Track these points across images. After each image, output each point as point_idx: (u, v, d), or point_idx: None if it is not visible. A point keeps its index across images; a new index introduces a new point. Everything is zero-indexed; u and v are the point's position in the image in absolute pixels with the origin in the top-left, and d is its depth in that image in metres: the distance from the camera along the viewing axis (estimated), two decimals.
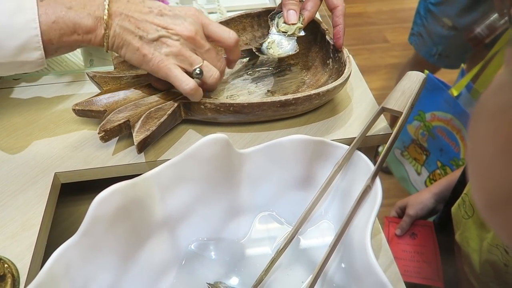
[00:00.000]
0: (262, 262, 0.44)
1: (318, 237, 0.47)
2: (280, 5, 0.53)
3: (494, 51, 0.96)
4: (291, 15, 0.51)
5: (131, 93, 0.48)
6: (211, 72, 0.46)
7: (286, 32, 0.52)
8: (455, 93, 0.99)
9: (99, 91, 0.50)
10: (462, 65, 1.08)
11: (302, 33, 0.52)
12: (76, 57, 0.82)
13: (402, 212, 0.84)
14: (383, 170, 1.54)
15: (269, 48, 0.53)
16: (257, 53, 0.53)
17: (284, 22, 0.51)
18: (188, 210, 0.43)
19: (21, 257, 0.38)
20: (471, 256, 0.58)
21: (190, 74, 0.45)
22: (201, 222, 0.45)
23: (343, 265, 0.43)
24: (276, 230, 0.47)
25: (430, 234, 0.77)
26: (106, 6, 0.41)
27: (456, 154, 1.05)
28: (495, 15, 1.05)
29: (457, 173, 0.74)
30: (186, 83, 0.43)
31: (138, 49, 0.43)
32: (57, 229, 0.52)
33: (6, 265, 0.37)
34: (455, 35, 1.18)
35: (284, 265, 0.45)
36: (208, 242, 0.45)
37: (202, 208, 0.44)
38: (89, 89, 0.55)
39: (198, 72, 0.45)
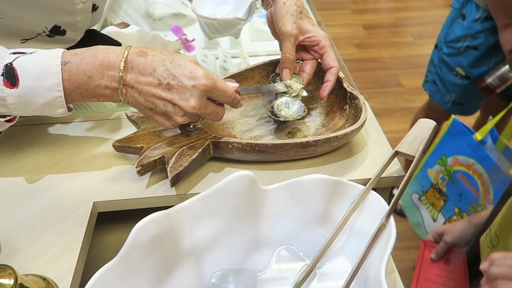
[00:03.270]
0: None
1: (335, 272, 0.49)
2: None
3: None
4: (285, 73, 0.57)
5: (166, 132, 0.53)
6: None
7: (290, 94, 0.58)
8: (479, 137, 1.01)
9: (133, 130, 0.55)
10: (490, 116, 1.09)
11: (305, 94, 0.58)
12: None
13: (439, 238, 0.86)
14: (397, 213, 1.55)
15: (280, 110, 0.58)
16: (272, 117, 0.58)
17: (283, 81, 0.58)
18: (213, 241, 0.47)
19: (62, 277, 0.42)
20: None
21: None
22: (225, 253, 0.48)
23: None
24: (294, 264, 0.50)
25: (462, 262, 0.79)
26: (120, 77, 0.45)
27: (475, 200, 1.05)
28: (506, 67, 1.09)
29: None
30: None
31: (150, 115, 0.49)
32: (88, 256, 0.55)
33: (50, 286, 0.40)
34: (468, 84, 1.21)
35: None
36: (230, 273, 0.48)
37: (226, 240, 0.47)
38: (124, 127, 0.61)
39: (192, 127, 0.53)
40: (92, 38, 0.67)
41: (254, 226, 0.48)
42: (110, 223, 0.58)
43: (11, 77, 0.44)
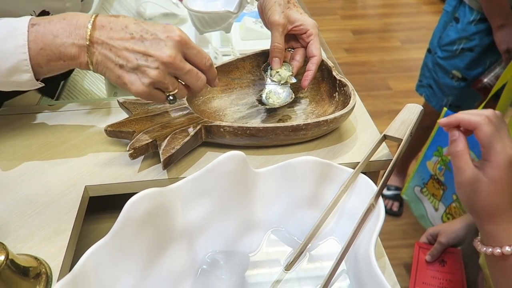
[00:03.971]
0: (272, 275, 0.47)
1: (325, 253, 0.50)
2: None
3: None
4: (275, 62, 0.58)
5: (158, 117, 0.53)
6: (181, 95, 0.48)
7: (279, 82, 0.59)
8: None
9: (125, 116, 0.55)
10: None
11: (294, 80, 0.59)
12: (99, 90, 0.89)
13: (433, 239, 0.86)
14: (390, 213, 1.57)
15: (268, 98, 0.59)
16: (259, 104, 0.59)
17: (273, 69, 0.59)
18: (205, 223, 0.47)
19: (53, 257, 0.42)
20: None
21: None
22: (217, 235, 0.48)
23: (349, 278, 0.46)
24: (285, 246, 0.50)
25: (458, 262, 0.79)
26: (88, 34, 0.44)
27: None
28: (502, 65, 1.12)
29: None
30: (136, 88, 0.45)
31: (119, 77, 0.45)
32: (79, 244, 0.55)
33: (41, 265, 0.40)
34: (465, 86, 1.23)
35: (294, 280, 0.47)
36: (222, 254, 0.48)
37: (218, 221, 0.48)
38: (115, 115, 0.61)
39: (171, 98, 0.47)
40: None
41: (246, 208, 0.49)
42: (102, 212, 0.58)
43: None
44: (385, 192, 1.62)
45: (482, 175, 0.44)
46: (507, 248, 0.45)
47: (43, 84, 0.48)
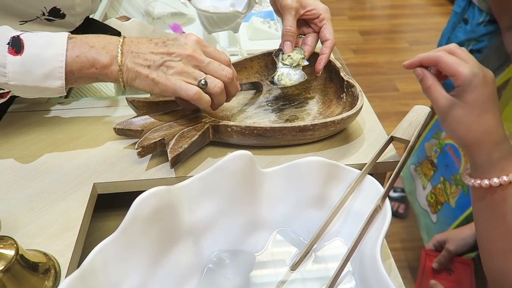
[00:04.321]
0: (278, 275, 0.47)
1: (331, 254, 0.50)
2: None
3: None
4: (287, 45, 0.58)
5: (166, 116, 0.53)
6: (215, 82, 0.50)
7: (291, 65, 0.59)
8: None
9: (134, 115, 0.55)
10: None
11: (306, 63, 0.59)
12: (108, 89, 0.90)
13: (440, 246, 0.85)
14: (396, 215, 1.57)
15: (280, 80, 0.59)
16: (270, 84, 0.59)
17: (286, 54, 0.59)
18: (212, 222, 0.47)
19: (62, 253, 0.43)
20: None
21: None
22: (223, 234, 0.48)
23: (355, 279, 0.46)
24: (291, 246, 0.50)
25: (468, 272, 0.77)
26: (119, 47, 0.49)
27: (457, 170, 1.10)
28: (510, 67, 1.12)
29: None
30: (189, 89, 0.48)
31: (147, 76, 0.49)
32: (87, 241, 0.56)
33: (50, 260, 0.41)
34: None
35: (299, 280, 0.48)
36: (228, 254, 0.49)
37: (224, 220, 0.48)
38: (123, 113, 0.61)
39: (203, 83, 0.49)
40: (91, 25, 0.68)
41: (252, 207, 0.49)
42: (110, 209, 0.58)
43: (16, 45, 0.46)
44: (391, 194, 1.62)
45: (457, 100, 0.45)
46: (495, 180, 0.44)
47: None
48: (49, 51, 0.47)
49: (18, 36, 0.46)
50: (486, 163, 0.45)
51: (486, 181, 0.45)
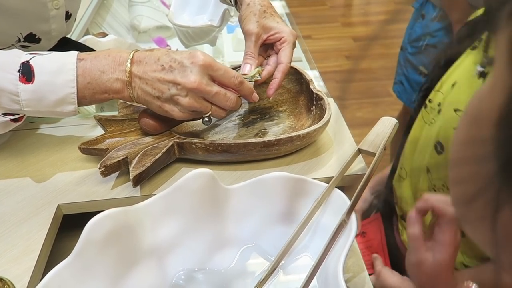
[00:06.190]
0: None
1: (299, 270, 0.49)
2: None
3: None
4: (246, 68, 0.58)
5: (131, 134, 0.53)
6: (218, 113, 0.52)
7: (247, 79, 0.57)
8: None
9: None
10: None
11: (259, 77, 0.58)
12: (88, 106, 0.89)
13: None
14: None
15: None
16: None
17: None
18: (176, 241, 0.47)
19: (20, 278, 0.42)
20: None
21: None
22: (188, 252, 0.48)
23: None
24: (258, 263, 0.50)
25: (378, 227, 0.80)
26: (128, 70, 0.48)
27: None
28: None
29: (386, 169, 0.82)
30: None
31: (160, 107, 0.50)
32: (54, 263, 0.55)
33: (6, 286, 0.40)
34: None
35: None
36: (194, 272, 0.48)
37: (189, 239, 0.47)
38: (99, 131, 0.61)
39: (207, 120, 0.53)
40: (65, 45, 0.68)
41: (218, 225, 0.49)
42: (77, 229, 0.58)
43: (27, 73, 0.46)
44: None
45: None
46: None
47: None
48: (60, 77, 0.47)
49: (28, 62, 0.46)
50: None
51: None
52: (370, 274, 0.74)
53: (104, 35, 0.83)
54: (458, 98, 0.57)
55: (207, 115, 0.52)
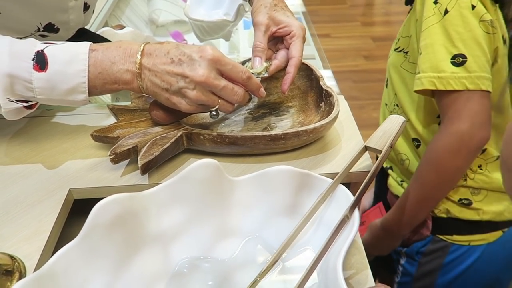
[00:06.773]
0: (246, 283, 0.47)
1: (301, 263, 0.50)
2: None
3: None
4: (256, 61, 0.58)
5: (142, 123, 0.54)
6: (225, 107, 0.53)
7: (254, 74, 0.58)
8: None
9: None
10: None
11: (266, 75, 0.58)
12: (104, 96, 0.92)
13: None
14: None
15: None
16: None
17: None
18: (180, 229, 0.48)
19: (30, 257, 0.44)
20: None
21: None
22: (192, 240, 0.49)
23: None
24: (261, 254, 0.50)
25: (378, 213, 0.83)
26: (138, 61, 0.49)
27: None
28: None
29: None
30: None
31: (168, 99, 0.51)
32: (62, 245, 0.57)
33: (16, 263, 0.42)
34: None
35: None
36: (197, 260, 0.49)
37: (193, 227, 0.48)
38: (111, 121, 0.63)
39: (214, 113, 0.53)
40: (82, 36, 0.70)
41: (222, 215, 0.50)
42: (87, 216, 0.60)
43: (41, 62, 0.47)
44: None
45: None
46: None
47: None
48: (72, 67, 0.48)
49: (42, 50, 0.48)
50: None
51: None
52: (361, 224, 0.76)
53: (122, 27, 0.84)
54: None
55: (214, 108, 0.52)
